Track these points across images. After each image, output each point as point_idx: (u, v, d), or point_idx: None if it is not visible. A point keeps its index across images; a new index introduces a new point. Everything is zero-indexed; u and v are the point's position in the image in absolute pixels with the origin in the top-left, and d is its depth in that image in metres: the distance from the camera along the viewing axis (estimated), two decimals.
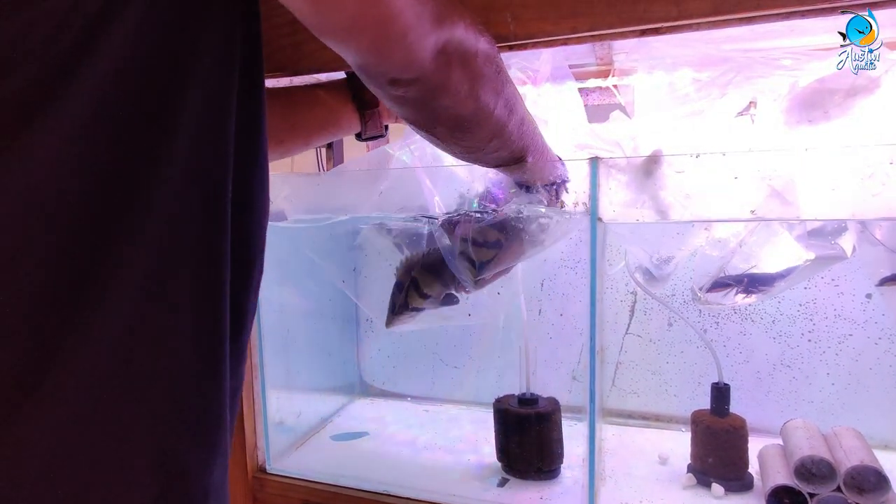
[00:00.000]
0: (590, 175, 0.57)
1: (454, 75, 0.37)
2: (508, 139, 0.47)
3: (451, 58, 0.37)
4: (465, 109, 0.40)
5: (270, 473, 0.74)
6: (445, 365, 0.96)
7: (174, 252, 0.31)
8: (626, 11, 0.50)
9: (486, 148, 0.47)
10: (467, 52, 0.38)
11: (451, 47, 0.36)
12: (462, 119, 0.41)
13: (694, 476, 0.67)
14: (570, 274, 0.87)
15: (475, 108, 0.41)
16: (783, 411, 0.77)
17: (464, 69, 0.38)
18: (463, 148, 0.47)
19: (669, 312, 0.81)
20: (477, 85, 0.39)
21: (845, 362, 0.75)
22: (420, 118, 0.43)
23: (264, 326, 0.74)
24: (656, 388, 0.84)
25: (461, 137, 0.44)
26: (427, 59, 0.35)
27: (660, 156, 0.51)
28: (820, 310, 0.75)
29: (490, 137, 0.45)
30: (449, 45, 0.36)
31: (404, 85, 0.36)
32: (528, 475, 0.69)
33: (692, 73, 0.61)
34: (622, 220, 0.56)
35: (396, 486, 0.69)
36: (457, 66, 0.37)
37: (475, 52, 0.38)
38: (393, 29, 0.32)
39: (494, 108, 0.42)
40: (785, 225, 0.57)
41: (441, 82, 0.37)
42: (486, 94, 0.41)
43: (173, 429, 0.31)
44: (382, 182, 0.66)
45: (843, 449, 0.59)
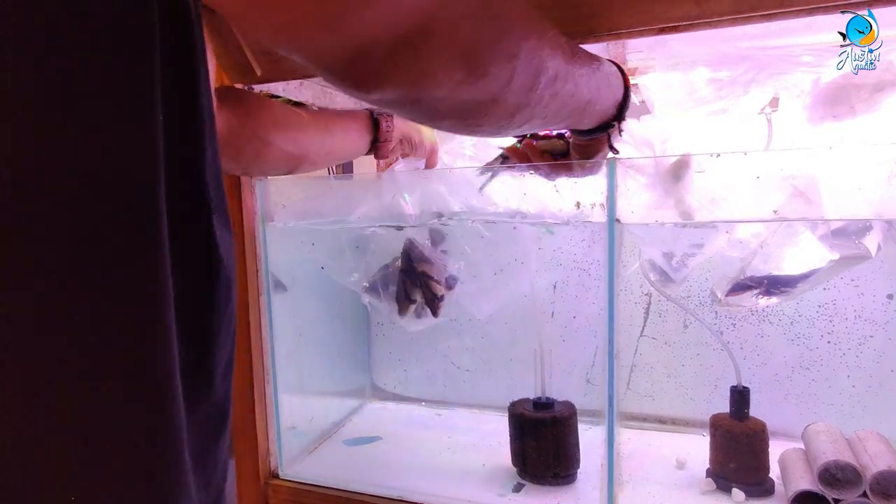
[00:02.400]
0: (607, 176, 0.56)
1: (438, 54, 0.28)
2: (540, 105, 0.36)
3: (425, 28, 0.27)
4: (471, 94, 0.31)
5: (283, 479, 0.74)
6: (457, 368, 0.95)
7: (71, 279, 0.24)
8: (644, 11, 0.50)
9: (512, 122, 0.37)
10: (449, 12, 0.27)
11: (421, 12, 0.26)
12: (472, 106, 0.33)
13: (713, 481, 0.66)
14: (582, 276, 0.86)
15: (487, 89, 0.31)
16: (802, 414, 0.76)
17: (451, 40, 0.28)
18: (486, 131, 0.39)
19: (685, 314, 0.80)
20: (479, 56, 0.29)
21: (866, 364, 0.74)
22: (416, 118, 0.37)
23: (276, 330, 0.73)
24: (672, 391, 0.83)
25: (477, 124, 0.35)
26: (382, 38, 0.26)
27: (689, 160, 0.50)
28: (840, 311, 0.74)
29: (513, 112, 0.35)
30: (416, 9, 0.26)
31: (369, 83, 0.28)
32: (544, 480, 0.69)
33: (709, 72, 0.60)
34: (641, 221, 0.55)
35: (410, 491, 0.68)
36: (439, 39, 0.27)
37: (466, 9, 0.28)
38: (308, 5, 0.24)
39: (512, 78, 0.32)
40: (808, 225, 0.56)
41: (422, 68, 0.28)
42: (498, 64, 0.31)
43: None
44: (392, 187, 0.66)
45: (869, 453, 0.58)
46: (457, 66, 0.29)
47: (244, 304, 0.70)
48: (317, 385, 0.87)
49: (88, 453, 0.25)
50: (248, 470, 0.73)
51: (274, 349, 0.73)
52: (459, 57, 0.29)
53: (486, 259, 0.77)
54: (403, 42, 0.27)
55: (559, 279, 0.86)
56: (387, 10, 0.26)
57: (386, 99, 0.31)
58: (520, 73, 0.32)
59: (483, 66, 0.30)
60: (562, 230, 0.84)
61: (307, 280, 0.82)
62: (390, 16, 0.26)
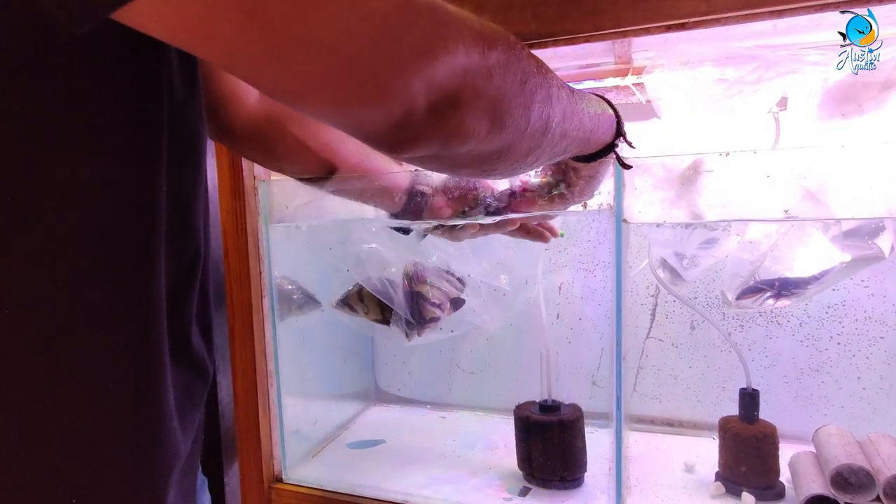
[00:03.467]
0: (614, 175, 0.55)
1: (467, 117, 0.29)
2: (551, 144, 0.38)
3: (456, 96, 0.28)
4: (491, 146, 0.33)
5: (287, 483, 0.73)
6: (462, 371, 0.94)
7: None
8: (651, 7, 0.49)
9: (525, 163, 0.38)
10: (476, 79, 0.29)
11: (452, 82, 0.28)
12: (489, 155, 0.34)
13: (723, 485, 0.65)
14: (588, 277, 0.85)
15: (504, 139, 0.33)
16: (812, 417, 0.75)
17: (477, 103, 0.29)
18: (500, 174, 0.41)
19: (692, 314, 0.80)
20: (501, 112, 0.31)
21: (877, 366, 0.73)
22: (436, 169, 0.38)
23: (279, 333, 0.73)
24: (679, 393, 0.82)
25: (493, 169, 0.37)
26: (419, 109, 0.27)
27: (701, 164, 0.49)
28: (849, 312, 0.73)
29: (526, 154, 0.37)
30: (448, 81, 0.27)
31: (404, 147, 0.30)
32: (551, 484, 0.68)
33: (716, 71, 0.59)
34: (650, 221, 0.54)
35: (415, 495, 0.67)
36: (467, 104, 0.29)
37: (488, 73, 0.29)
38: (356, 76, 0.25)
39: (527, 127, 0.33)
40: (819, 226, 0.55)
41: (452, 131, 0.30)
42: (515, 116, 0.32)
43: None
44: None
45: (881, 457, 0.57)
46: (482, 123, 0.31)
47: (247, 306, 0.70)
48: (320, 388, 0.86)
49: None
50: (251, 473, 0.73)
51: (277, 352, 0.73)
52: (484, 114, 0.31)
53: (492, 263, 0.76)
54: (437, 109, 0.28)
55: (564, 280, 0.86)
56: (420, 84, 0.27)
57: (414, 157, 0.32)
58: (534, 120, 0.34)
59: (504, 119, 0.32)
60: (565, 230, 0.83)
61: (311, 282, 0.81)
62: (425, 86, 0.27)
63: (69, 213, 0.27)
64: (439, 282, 0.73)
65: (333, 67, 0.25)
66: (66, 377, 0.28)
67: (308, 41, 0.24)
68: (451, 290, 0.74)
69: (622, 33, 0.52)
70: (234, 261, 0.70)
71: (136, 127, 0.29)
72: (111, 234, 0.29)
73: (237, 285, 0.70)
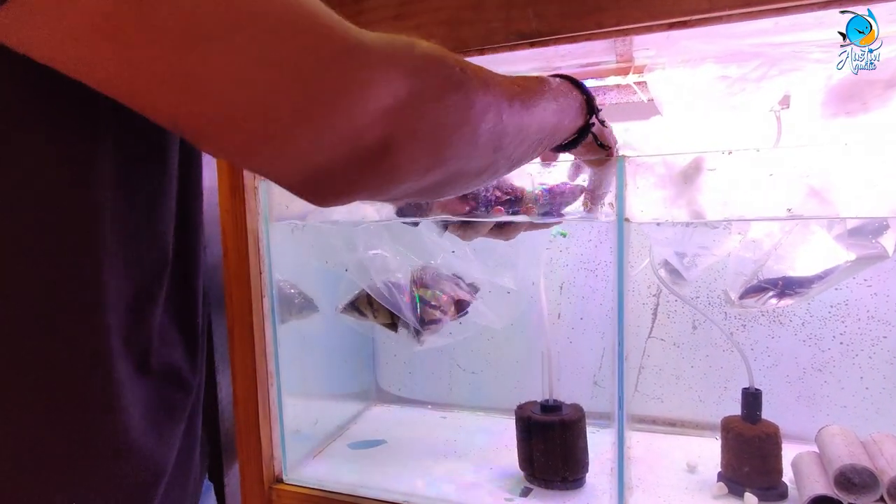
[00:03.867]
0: (616, 174, 0.55)
1: (400, 160, 0.27)
2: (505, 157, 0.36)
3: (385, 140, 0.26)
4: (434, 178, 0.31)
5: (287, 483, 0.73)
6: (463, 370, 0.94)
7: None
8: (654, 5, 0.49)
9: (479, 180, 0.36)
10: (407, 120, 0.27)
11: (378, 128, 0.26)
12: (434, 186, 0.32)
13: (725, 485, 0.64)
14: (589, 276, 0.85)
15: (448, 170, 0.31)
16: (814, 417, 0.75)
17: (411, 144, 0.27)
18: (453, 195, 0.38)
19: (694, 313, 0.79)
20: (440, 147, 0.29)
21: (880, 366, 0.72)
22: (377, 202, 0.37)
23: (279, 332, 0.73)
24: (681, 393, 0.82)
25: (443, 194, 0.35)
26: (339, 158, 0.25)
27: (702, 162, 0.49)
28: (852, 311, 0.73)
29: (479, 173, 0.35)
30: (372, 127, 0.25)
31: (328, 199, 0.28)
32: (552, 485, 0.67)
33: (718, 69, 0.59)
34: (652, 219, 0.54)
35: (416, 496, 0.67)
36: (399, 147, 0.27)
37: (421, 111, 0.27)
38: (259, 126, 0.24)
39: (474, 151, 0.32)
40: (824, 224, 0.55)
41: (385, 176, 0.28)
42: (458, 146, 0.30)
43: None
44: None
45: (885, 457, 0.56)
46: (419, 163, 0.29)
47: (247, 306, 0.69)
48: (321, 388, 0.86)
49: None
50: (251, 474, 0.72)
51: (278, 351, 0.73)
52: (421, 153, 0.28)
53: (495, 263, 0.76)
54: (363, 157, 0.26)
55: (566, 280, 0.85)
56: (340, 131, 0.25)
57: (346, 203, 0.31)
58: (483, 143, 0.32)
59: (444, 153, 0.30)
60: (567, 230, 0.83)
61: (311, 281, 0.81)
62: (345, 136, 0.25)
63: (2, 219, 0.26)
64: (447, 286, 0.73)
65: (233, 113, 0.23)
66: (12, 389, 0.27)
67: (203, 84, 0.22)
68: (459, 293, 0.74)
69: (624, 31, 0.51)
70: (233, 261, 0.69)
71: (70, 132, 0.27)
72: (45, 243, 0.27)
73: (237, 285, 0.70)
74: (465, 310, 0.75)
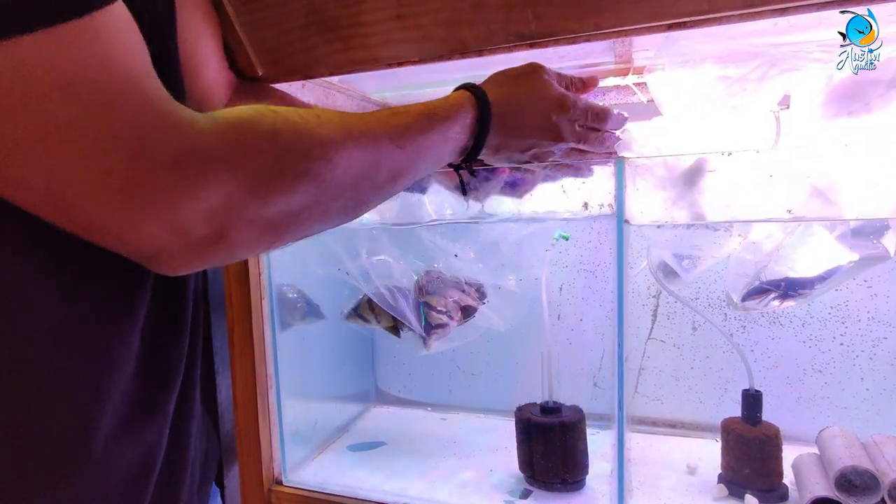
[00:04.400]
0: (615, 176, 0.55)
1: (237, 249, 0.29)
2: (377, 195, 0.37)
3: (218, 235, 0.27)
4: (282, 243, 0.32)
5: (287, 485, 0.73)
6: (462, 372, 0.94)
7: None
8: (653, 6, 0.49)
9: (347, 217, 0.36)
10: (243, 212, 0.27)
11: (207, 226, 0.26)
12: (283, 242, 0.32)
13: (726, 487, 0.64)
14: (589, 278, 0.84)
15: (294, 237, 0.32)
16: (815, 418, 0.74)
17: (247, 234, 0.28)
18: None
19: (694, 315, 0.79)
20: (282, 229, 0.30)
21: (880, 367, 0.72)
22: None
23: (279, 335, 0.73)
24: (681, 394, 0.82)
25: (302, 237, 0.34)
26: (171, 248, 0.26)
27: (704, 164, 0.49)
28: (852, 312, 0.72)
29: (340, 212, 0.34)
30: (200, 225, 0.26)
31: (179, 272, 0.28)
32: (552, 487, 0.67)
33: (718, 69, 0.59)
34: (652, 221, 0.54)
35: (415, 498, 0.67)
36: (233, 239, 0.28)
37: (260, 203, 0.28)
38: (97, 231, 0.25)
39: (326, 213, 0.32)
40: (826, 224, 0.54)
41: (224, 258, 0.29)
42: (306, 223, 0.31)
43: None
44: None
45: (886, 458, 0.56)
46: (260, 245, 0.30)
47: (247, 308, 0.69)
48: (320, 389, 0.86)
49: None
50: (251, 476, 0.72)
51: (276, 353, 0.72)
52: (261, 238, 0.29)
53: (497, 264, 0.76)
54: (197, 247, 0.27)
55: (565, 281, 0.85)
56: (166, 226, 0.25)
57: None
58: (336, 207, 0.33)
59: (283, 233, 0.30)
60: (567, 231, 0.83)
61: (310, 283, 0.81)
62: (173, 228, 0.26)
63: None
64: (452, 291, 0.73)
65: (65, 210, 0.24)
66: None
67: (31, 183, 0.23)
68: (466, 300, 0.74)
69: (624, 32, 0.51)
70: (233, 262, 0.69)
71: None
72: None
73: (237, 287, 0.69)
74: (471, 315, 0.75)
